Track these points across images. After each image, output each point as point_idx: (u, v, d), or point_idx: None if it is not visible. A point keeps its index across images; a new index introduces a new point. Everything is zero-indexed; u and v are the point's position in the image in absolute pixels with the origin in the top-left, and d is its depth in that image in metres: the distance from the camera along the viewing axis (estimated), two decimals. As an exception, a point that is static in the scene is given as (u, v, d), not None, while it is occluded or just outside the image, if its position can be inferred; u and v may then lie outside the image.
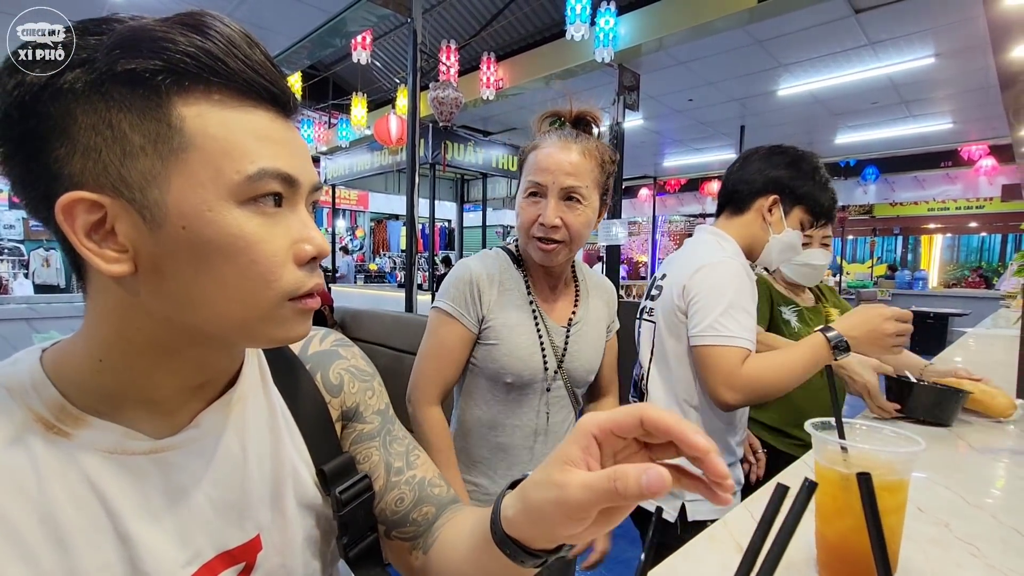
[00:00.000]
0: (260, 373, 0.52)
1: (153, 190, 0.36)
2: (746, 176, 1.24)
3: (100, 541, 0.39)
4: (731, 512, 0.75)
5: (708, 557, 0.65)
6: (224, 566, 0.45)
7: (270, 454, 0.50)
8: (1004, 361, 1.99)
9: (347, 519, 0.52)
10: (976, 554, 0.65)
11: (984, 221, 9.88)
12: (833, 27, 4.66)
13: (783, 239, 1.21)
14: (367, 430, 0.58)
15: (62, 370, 0.41)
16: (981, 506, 0.78)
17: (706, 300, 1.09)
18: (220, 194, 0.37)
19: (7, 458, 0.37)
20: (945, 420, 1.13)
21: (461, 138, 6.87)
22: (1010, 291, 4.85)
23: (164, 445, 0.43)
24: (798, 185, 1.20)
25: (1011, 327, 3.13)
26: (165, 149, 0.36)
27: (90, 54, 0.34)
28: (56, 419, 0.39)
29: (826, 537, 0.58)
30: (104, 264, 0.36)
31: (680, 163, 10.04)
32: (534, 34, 5.49)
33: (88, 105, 0.35)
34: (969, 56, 5.05)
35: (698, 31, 4.21)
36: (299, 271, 0.41)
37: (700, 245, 1.24)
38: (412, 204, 3.22)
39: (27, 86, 0.34)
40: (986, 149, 8.00)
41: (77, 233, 0.36)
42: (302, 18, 4.95)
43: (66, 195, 0.35)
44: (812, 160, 1.22)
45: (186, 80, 0.36)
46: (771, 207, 1.21)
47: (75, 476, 0.39)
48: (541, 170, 0.94)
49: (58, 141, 0.35)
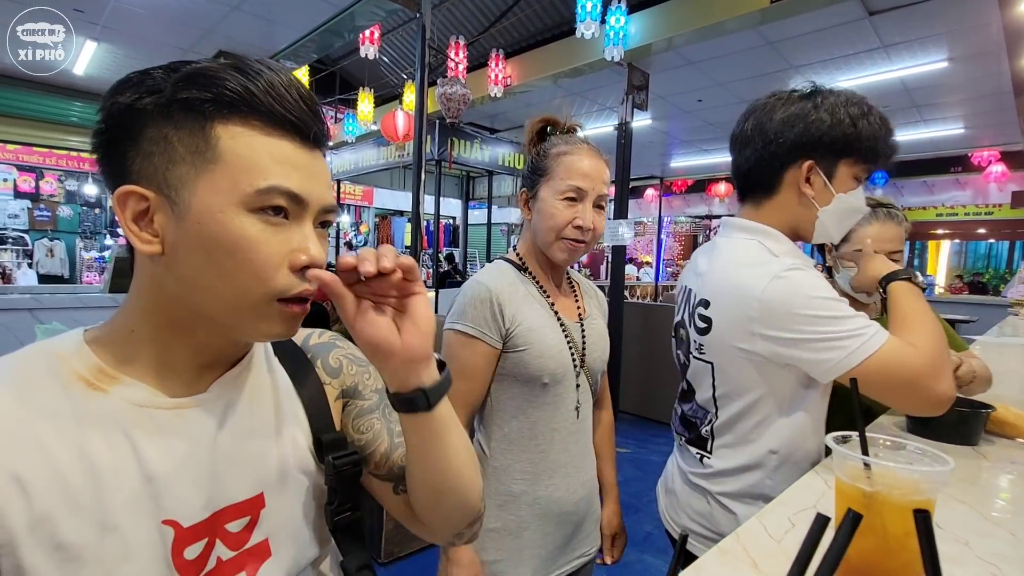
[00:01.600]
0: (266, 355, 0.59)
1: (185, 191, 0.45)
2: (762, 147, 0.99)
3: (128, 478, 0.46)
4: (743, 527, 0.73)
5: (721, 572, 0.63)
6: (232, 517, 0.51)
7: (274, 422, 0.56)
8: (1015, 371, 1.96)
9: (336, 485, 0.58)
10: (998, 574, 0.62)
11: (993, 227, 9.78)
12: (846, 29, 4.61)
13: (839, 208, 0.97)
14: (366, 405, 0.64)
15: (101, 342, 0.49)
16: (1000, 523, 0.76)
17: (808, 328, 0.87)
18: (232, 201, 0.45)
19: (54, 405, 0.45)
20: (971, 440, 1.08)
21: (468, 135, 6.85)
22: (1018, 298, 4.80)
23: (184, 403, 0.50)
24: (833, 135, 0.93)
25: (1020, 335, 3.09)
26: (200, 160, 0.45)
27: (162, 85, 0.45)
28: (95, 378, 0.47)
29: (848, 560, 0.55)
30: (140, 244, 0.46)
31: (688, 164, 9.99)
32: (543, 31, 5.46)
33: (153, 122, 0.45)
34: (983, 61, 4.99)
35: (709, 31, 4.17)
36: (292, 275, 0.48)
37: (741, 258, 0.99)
38: (417, 200, 3.20)
39: (118, 104, 0.46)
40: (997, 155, 7.93)
41: (126, 217, 0.45)
42: (311, 11, 4.93)
43: (122, 187, 0.45)
44: (832, 96, 0.95)
45: (226, 109, 0.45)
46: (808, 175, 0.96)
47: (110, 423, 0.46)
48: (585, 176, 0.98)
49: (129, 146, 0.46)
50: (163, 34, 5.61)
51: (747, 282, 0.93)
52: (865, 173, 0.99)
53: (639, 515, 2.96)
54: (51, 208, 8.45)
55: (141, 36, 5.64)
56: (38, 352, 0.48)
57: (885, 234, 1.32)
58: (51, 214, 8.44)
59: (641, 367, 4.77)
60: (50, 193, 8.37)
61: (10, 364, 0.47)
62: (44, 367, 0.46)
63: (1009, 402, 1.31)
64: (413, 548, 2.48)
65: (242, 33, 5.61)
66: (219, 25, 5.46)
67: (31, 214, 8.29)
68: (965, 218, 10.01)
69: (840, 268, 1.42)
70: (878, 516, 0.50)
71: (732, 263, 1.00)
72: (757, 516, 0.76)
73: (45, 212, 8.40)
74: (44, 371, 0.46)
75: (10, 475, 0.41)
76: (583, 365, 1.06)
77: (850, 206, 0.98)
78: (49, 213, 8.43)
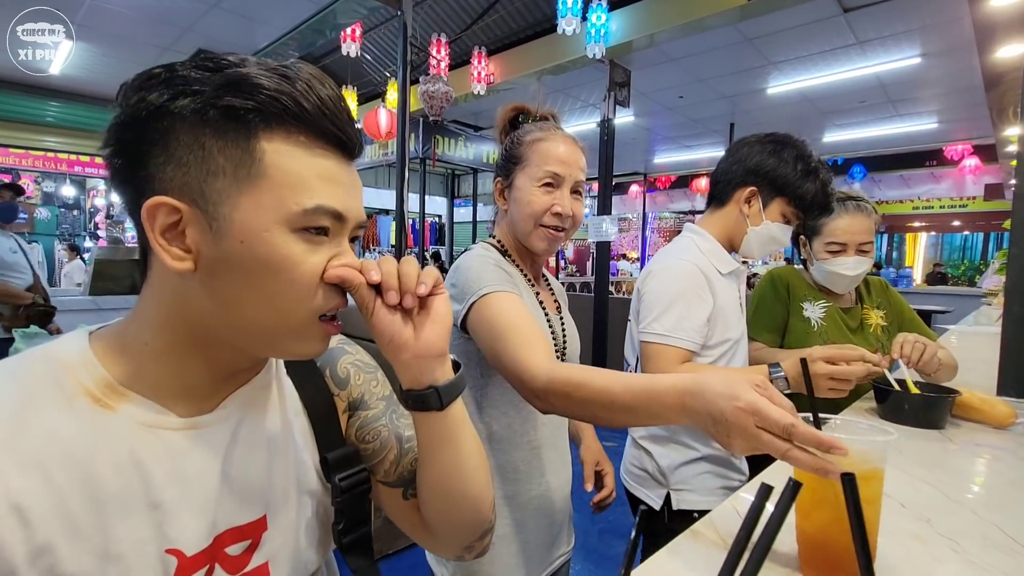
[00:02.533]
0: (276, 367, 0.57)
1: (225, 206, 0.42)
2: (728, 166, 1.23)
3: (133, 506, 0.43)
4: (717, 509, 0.75)
5: (694, 553, 0.65)
6: (233, 540, 0.49)
7: (281, 441, 0.54)
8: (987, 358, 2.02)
9: (344, 506, 0.56)
10: (956, 549, 0.65)
11: (968, 220, 10.03)
12: (822, 26, 4.68)
13: (763, 232, 1.20)
14: (372, 414, 0.62)
15: (109, 351, 0.46)
16: (962, 502, 0.79)
17: (650, 300, 1.16)
18: (278, 219, 0.43)
19: (58, 425, 0.42)
20: (937, 424, 1.12)
21: (452, 133, 6.84)
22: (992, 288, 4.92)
23: (194, 423, 0.48)
24: (778, 176, 1.16)
25: (993, 324, 3.18)
26: (242, 174, 0.42)
27: (200, 87, 0.41)
28: (102, 393, 0.44)
29: (806, 531, 0.58)
30: (170, 260, 0.42)
31: (670, 160, 10.07)
32: (525, 28, 5.47)
33: (189, 127, 0.41)
34: (955, 56, 5.11)
35: (689, 28, 4.22)
36: (328, 290, 0.46)
37: (674, 245, 1.27)
38: (402, 199, 3.20)
39: (147, 103, 0.41)
40: (970, 149, 8.12)
41: (155, 230, 0.42)
42: (291, 9, 4.88)
43: (153, 198, 0.41)
44: (798, 148, 1.18)
45: (273, 120, 0.42)
46: (748, 199, 1.19)
47: (117, 445, 0.43)
48: (561, 162, 0.96)
49: (159, 151, 0.42)
50: (141, 32, 5.52)
51: (658, 259, 1.24)
52: (793, 216, 1.20)
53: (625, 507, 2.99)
54: (28, 210, 8.28)
55: (118, 34, 5.54)
56: (42, 358, 0.45)
57: (855, 226, 1.38)
58: (28, 216, 8.28)
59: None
60: (27, 195, 8.20)
61: (13, 372, 0.44)
62: (48, 377, 0.44)
63: (980, 387, 1.36)
64: (401, 546, 2.49)
65: (222, 31, 5.54)
66: (198, 23, 5.39)
67: (7, 216, 8.11)
68: (940, 211, 10.24)
69: (814, 261, 1.47)
70: (831, 488, 0.51)
71: (664, 251, 1.29)
72: (729, 499, 0.79)
73: (22, 214, 8.24)
74: (48, 381, 0.43)
75: (11, 504, 0.39)
76: (563, 359, 1.05)
77: (772, 234, 1.20)
78: (26, 215, 8.26)
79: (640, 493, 1.25)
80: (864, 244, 1.39)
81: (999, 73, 4.30)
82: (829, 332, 1.43)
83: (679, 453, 1.18)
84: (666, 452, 1.19)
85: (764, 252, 1.25)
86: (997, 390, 1.43)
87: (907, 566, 0.62)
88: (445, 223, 10.98)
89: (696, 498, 1.17)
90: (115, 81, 0.45)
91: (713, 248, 1.22)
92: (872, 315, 1.51)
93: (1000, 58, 4.03)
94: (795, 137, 1.21)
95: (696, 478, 1.18)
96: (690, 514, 1.15)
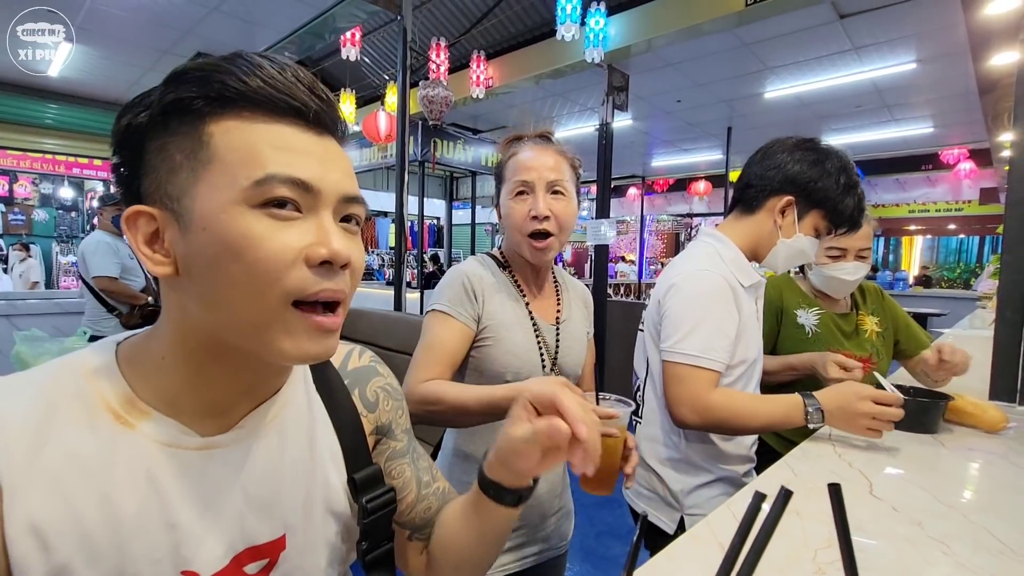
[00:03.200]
0: (304, 382, 0.56)
1: (186, 198, 0.41)
2: (764, 171, 1.14)
3: (151, 526, 0.43)
4: (714, 513, 0.77)
5: (691, 557, 0.67)
6: (250, 560, 0.49)
7: (306, 459, 0.53)
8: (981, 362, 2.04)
9: (370, 527, 0.56)
10: (947, 552, 0.67)
11: (963, 223, 10.07)
12: (819, 31, 4.71)
13: (793, 245, 1.13)
14: (398, 448, 0.63)
15: (132, 364, 0.46)
16: (954, 506, 0.80)
17: (676, 317, 1.08)
18: (234, 198, 0.41)
19: (78, 443, 0.42)
20: (930, 428, 1.13)
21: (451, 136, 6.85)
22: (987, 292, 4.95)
23: (212, 443, 0.47)
24: (819, 187, 1.09)
25: (987, 328, 3.20)
26: (196, 163, 0.41)
27: (155, 96, 0.42)
28: (123, 410, 0.44)
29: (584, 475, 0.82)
30: (152, 265, 0.43)
31: (668, 163, 10.10)
32: (524, 33, 5.49)
33: (152, 134, 0.42)
34: (950, 62, 5.14)
35: (687, 33, 4.25)
36: (307, 272, 0.42)
37: (694, 252, 1.19)
38: (401, 202, 3.21)
39: (120, 128, 0.43)
40: (966, 153, 8.16)
41: (137, 239, 0.43)
42: (291, 13, 4.89)
43: (128, 208, 0.43)
44: (841, 159, 1.10)
45: (218, 103, 0.41)
46: (784, 208, 1.12)
47: (136, 465, 0.43)
48: (526, 169, 1.00)
49: (136, 164, 0.43)
50: (140, 35, 5.53)
51: (680, 268, 1.16)
52: (825, 231, 1.15)
53: (623, 509, 2.99)
54: (26, 212, 8.27)
55: (118, 37, 5.54)
56: (68, 368, 0.45)
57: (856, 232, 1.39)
58: (26, 218, 8.26)
59: (625, 364, 4.80)
60: (24, 197, 8.19)
61: (39, 384, 0.43)
62: (72, 389, 0.43)
63: (974, 391, 1.37)
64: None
65: (221, 34, 5.55)
66: (198, 26, 5.40)
67: (5, 218, 8.09)
68: (936, 214, 10.28)
69: (812, 266, 1.49)
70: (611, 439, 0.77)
71: (684, 257, 1.20)
72: (726, 504, 0.80)
73: (19, 216, 8.22)
74: (71, 394, 0.43)
75: (30, 526, 0.39)
76: (554, 367, 1.06)
77: (801, 248, 1.14)
78: (24, 217, 8.25)
79: (651, 518, 1.21)
80: (863, 250, 1.42)
81: (993, 79, 4.33)
82: (824, 338, 1.44)
83: (693, 477, 1.14)
84: (679, 477, 1.15)
85: (789, 266, 1.19)
86: (989, 394, 1.45)
87: (898, 568, 0.64)
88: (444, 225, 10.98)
89: None
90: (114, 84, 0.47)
91: (736, 258, 1.15)
92: (867, 321, 1.52)
93: (994, 65, 4.06)
94: (835, 147, 1.13)
95: (710, 501, 1.14)
96: None
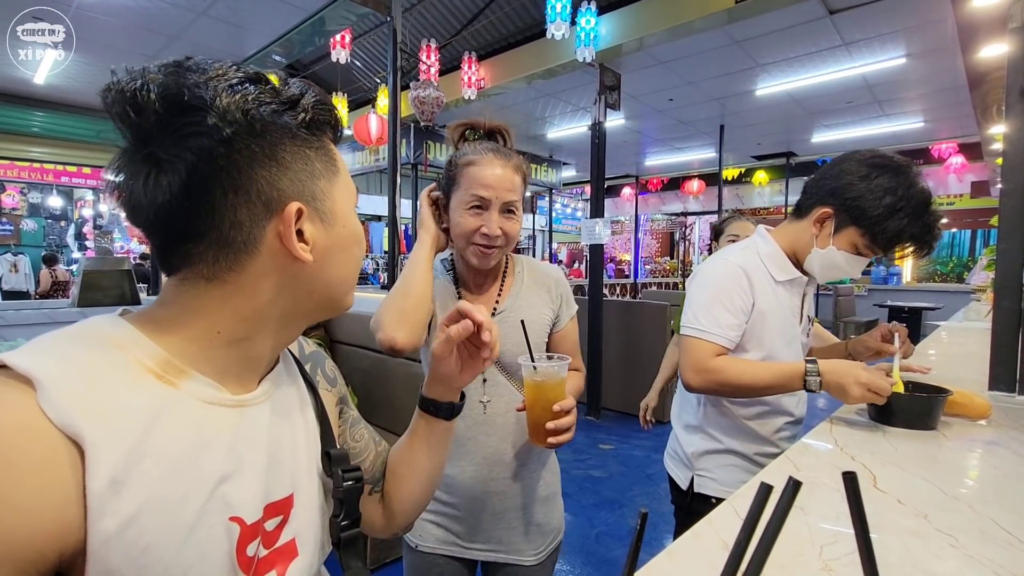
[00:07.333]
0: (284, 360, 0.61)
1: (327, 201, 0.52)
2: (820, 179, 1.18)
3: (203, 477, 0.46)
4: (716, 510, 0.75)
5: (694, 556, 0.65)
6: (271, 515, 0.52)
7: (299, 424, 0.58)
8: (977, 353, 2.04)
9: (343, 497, 0.60)
10: (955, 544, 0.66)
11: (954, 217, 10.12)
12: (808, 28, 4.73)
13: (824, 255, 1.17)
14: (354, 415, 0.72)
15: (163, 333, 0.48)
16: (959, 497, 0.79)
17: (691, 297, 1.24)
18: (352, 202, 0.56)
19: (131, 398, 0.43)
20: (930, 425, 1.12)
21: (443, 138, 6.84)
22: (980, 285, 4.98)
23: (243, 400, 0.51)
24: (858, 205, 1.10)
25: (982, 320, 3.21)
26: (330, 173, 0.53)
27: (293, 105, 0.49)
28: (163, 371, 0.46)
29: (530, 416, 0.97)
30: (303, 253, 0.49)
31: (661, 162, 10.13)
32: (515, 33, 5.49)
33: (293, 139, 0.49)
34: (939, 57, 5.18)
35: (678, 31, 4.26)
36: None
37: (734, 246, 1.33)
38: (394, 205, 3.19)
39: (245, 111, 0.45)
40: (956, 147, 8.22)
41: (292, 231, 0.48)
42: (280, 17, 4.88)
43: (292, 203, 0.48)
44: (896, 180, 1.08)
45: (331, 129, 0.54)
46: (822, 219, 1.16)
47: (185, 419, 0.46)
48: (486, 186, 1.00)
49: (264, 158, 0.47)
50: (127, 41, 5.49)
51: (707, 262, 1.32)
52: (864, 248, 1.14)
53: (623, 510, 2.99)
54: (14, 222, 8.20)
55: (104, 43, 5.50)
56: (91, 340, 0.44)
57: None
58: (14, 228, 8.20)
59: (622, 364, 4.82)
60: (12, 207, 8.12)
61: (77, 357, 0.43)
62: (104, 359, 0.44)
63: (971, 383, 1.37)
64: (397, 555, 2.47)
65: (210, 39, 5.53)
66: (186, 31, 5.37)
67: (-8, 228, 8.02)
68: (928, 209, 10.32)
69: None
70: (541, 391, 0.93)
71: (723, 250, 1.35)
72: (728, 500, 0.79)
73: (7, 226, 8.15)
74: (107, 362, 0.44)
75: (111, 480, 0.40)
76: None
77: (834, 261, 1.17)
78: (12, 227, 8.18)
79: (672, 472, 1.39)
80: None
81: (982, 72, 4.36)
82: None
83: (704, 442, 1.29)
84: (692, 440, 1.31)
85: (826, 277, 1.22)
86: (988, 385, 1.45)
87: (907, 563, 0.62)
88: (437, 228, 10.96)
89: (716, 486, 1.27)
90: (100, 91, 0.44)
91: (772, 253, 1.24)
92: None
93: (983, 57, 4.09)
94: (909, 167, 1.10)
95: (718, 468, 1.27)
96: (708, 499, 1.26)
